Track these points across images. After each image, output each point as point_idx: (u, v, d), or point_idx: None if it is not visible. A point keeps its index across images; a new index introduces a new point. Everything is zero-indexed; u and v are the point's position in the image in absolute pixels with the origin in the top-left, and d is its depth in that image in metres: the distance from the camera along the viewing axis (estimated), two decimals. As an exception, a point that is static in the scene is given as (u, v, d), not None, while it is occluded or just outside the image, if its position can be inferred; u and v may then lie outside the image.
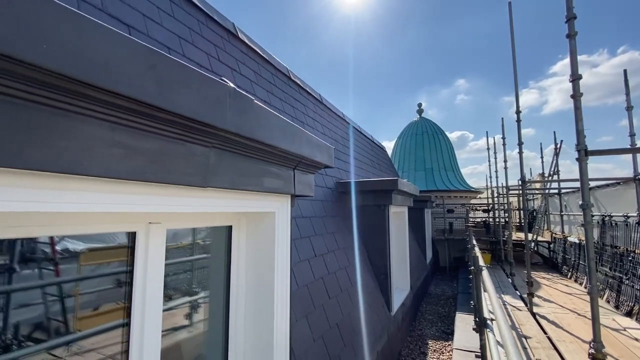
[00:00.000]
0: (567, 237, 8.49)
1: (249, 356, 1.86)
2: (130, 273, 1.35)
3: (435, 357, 5.05)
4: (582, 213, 3.34)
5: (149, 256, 1.38)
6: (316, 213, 3.84)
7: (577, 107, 3.45)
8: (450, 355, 4.89)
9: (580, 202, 3.33)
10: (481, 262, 3.32)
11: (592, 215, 4.76)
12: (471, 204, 14.38)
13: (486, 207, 12.64)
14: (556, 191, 9.37)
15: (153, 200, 1.17)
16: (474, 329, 3.89)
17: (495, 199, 11.69)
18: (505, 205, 10.83)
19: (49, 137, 0.78)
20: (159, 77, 0.94)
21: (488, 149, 11.67)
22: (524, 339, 4.14)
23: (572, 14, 3.59)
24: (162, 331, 1.43)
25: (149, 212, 1.30)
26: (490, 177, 12.62)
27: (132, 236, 1.36)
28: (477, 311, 3.32)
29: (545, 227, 10.40)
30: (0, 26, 0.61)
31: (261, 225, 1.95)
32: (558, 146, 9.39)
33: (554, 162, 9.43)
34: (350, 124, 8.10)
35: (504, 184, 11.64)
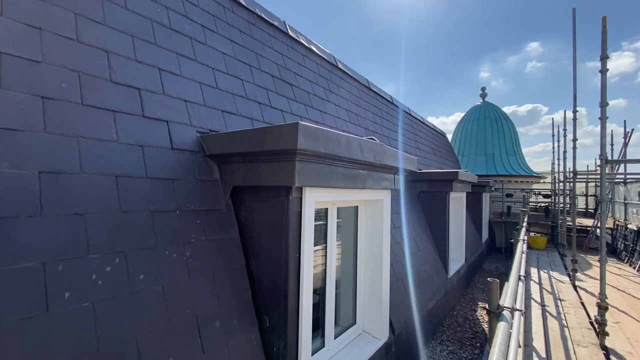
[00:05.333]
0: (628, 224, 8.76)
1: (368, 277, 3.41)
2: (325, 225, 2.92)
3: (483, 313, 6.29)
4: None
5: (332, 217, 2.94)
6: (394, 197, 5.26)
7: None
8: (496, 312, 6.09)
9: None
10: (521, 237, 4.47)
11: None
12: (533, 189, 14.47)
13: (547, 193, 12.80)
14: (622, 178, 9.46)
15: (340, 195, 2.69)
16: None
17: (560, 184, 11.85)
18: (569, 191, 11.04)
19: (332, 175, 2.29)
20: (371, 153, 2.42)
21: (553, 129, 11.52)
22: (558, 301, 5.19)
23: None
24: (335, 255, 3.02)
25: (335, 201, 2.84)
26: (559, 158, 12.46)
27: (325, 210, 2.93)
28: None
29: (610, 214, 10.49)
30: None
31: (374, 206, 3.43)
32: (628, 135, 9.35)
33: (623, 151, 9.43)
34: (417, 117, 9.17)
35: (571, 169, 11.61)
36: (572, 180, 10.51)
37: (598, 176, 11.26)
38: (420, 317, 4.52)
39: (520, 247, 3.78)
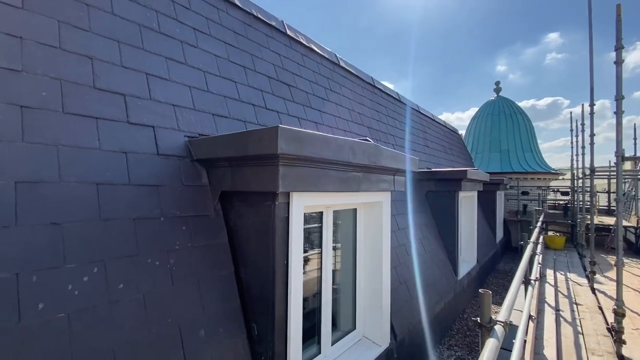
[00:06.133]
0: (653, 223, 8.29)
1: (368, 281, 3.31)
2: (320, 228, 2.85)
3: (495, 317, 6.08)
4: None
5: (327, 221, 2.86)
6: (399, 197, 5.13)
7: None
8: (509, 316, 5.87)
9: None
10: (533, 238, 4.27)
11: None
12: (551, 186, 13.93)
13: (566, 190, 12.28)
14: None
15: (334, 199, 2.61)
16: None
17: (579, 181, 11.36)
18: (588, 188, 10.56)
19: (322, 179, 2.21)
20: (365, 155, 2.33)
21: (571, 123, 11.03)
22: (574, 305, 4.94)
23: None
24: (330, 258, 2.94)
25: (330, 204, 2.76)
26: (577, 154, 11.99)
27: (320, 213, 2.85)
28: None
29: (634, 212, 9.97)
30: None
31: (373, 208, 3.33)
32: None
33: (647, 145, 8.93)
34: (426, 114, 8.96)
35: (588, 165, 11.10)
36: (591, 177, 10.06)
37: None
38: (427, 322, 4.38)
39: (529, 251, 3.60)
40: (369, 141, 2.66)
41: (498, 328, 1.46)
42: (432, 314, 4.55)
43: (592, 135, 6.16)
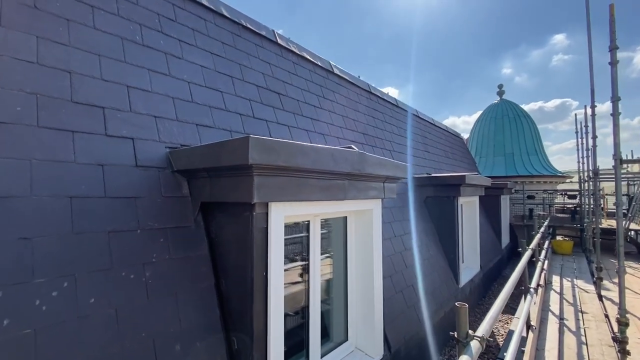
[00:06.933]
0: (664, 226, 8.03)
1: (359, 291, 3.25)
2: (308, 237, 2.80)
3: (499, 325, 5.91)
4: None
5: (314, 230, 2.82)
6: (396, 204, 5.07)
7: None
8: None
9: None
10: (532, 245, 4.16)
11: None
12: (558, 190, 13.65)
13: (572, 193, 12.02)
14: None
15: (320, 208, 2.57)
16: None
17: (585, 184, 11.12)
18: (595, 190, 10.33)
19: (302, 188, 2.18)
20: (349, 162, 2.30)
21: (576, 125, 10.90)
22: (579, 313, 4.78)
23: None
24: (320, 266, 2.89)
25: (317, 213, 2.72)
26: (583, 156, 11.79)
27: (307, 223, 2.81)
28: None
29: (643, 215, 9.69)
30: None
31: (364, 216, 3.28)
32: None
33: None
34: (426, 119, 8.89)
35: (599, 166, 10.84)
36: (594, 180, 9.85)
37: (626, 175, 10.47)
38: (425, 332, 4.28)
39: (526, 259, 3.50)
40: (353, 149, 2.63)
41: (474, 344, 1.39)
42: (431, 323, 4.44)
43: (594, 137, 6.03)
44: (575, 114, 10.57)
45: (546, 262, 6.94)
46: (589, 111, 6.40)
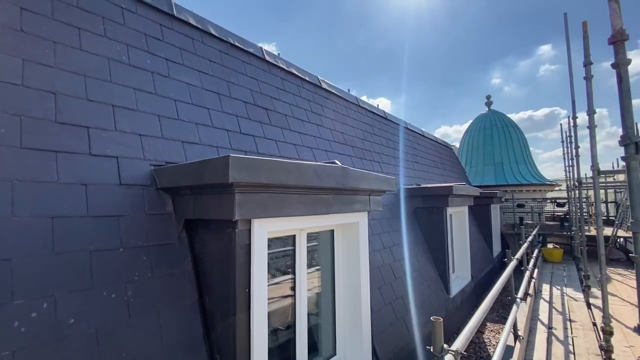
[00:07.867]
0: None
1: (347, 304, 3.26)
2: (294, 251, 2.82)
3: (490, 336, 5.92)
4: None
5: (300, 244, 2.85)
6: (385, 215, 5.11)
7: None
8: (505, 334, 5.71)
9: None
10: (518, 255, 4.22)
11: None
12: (548, 198, 13.86)
13: (561, 201, 12.22)
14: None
15: (305, 222, 2.60)
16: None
17: (572, 192, 11.33)
18: (585, 199, 10.52)
19: (285, 203, 2.22)
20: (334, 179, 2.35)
21: (562, 134, 11.16)
22: (568, 322, 4.82)
23: None
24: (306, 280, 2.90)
25: (302, 227, 2.75)
26: (571, 166, 12.06)
27: (293, 237, 2.84)
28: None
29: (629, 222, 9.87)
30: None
31: (350, 229, 3.32)
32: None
33: None
34: (416, 130, 9.04)
35: (587, 174, 11.05)
36: (579, 188, 10.05)
37: (614, 183, 10.70)
38: (415, 343, 4.27)
39: (510, 270, 3.55)
40: (337, 163, 2.69)
41: (448, 357, 1.42)
42: (421, 335, 4.44)
43: (577, 147, 6.19)
44: (561, 124, 10.83)
45: (536, 270, 7.01)
46: (572, 122, 6.59)
